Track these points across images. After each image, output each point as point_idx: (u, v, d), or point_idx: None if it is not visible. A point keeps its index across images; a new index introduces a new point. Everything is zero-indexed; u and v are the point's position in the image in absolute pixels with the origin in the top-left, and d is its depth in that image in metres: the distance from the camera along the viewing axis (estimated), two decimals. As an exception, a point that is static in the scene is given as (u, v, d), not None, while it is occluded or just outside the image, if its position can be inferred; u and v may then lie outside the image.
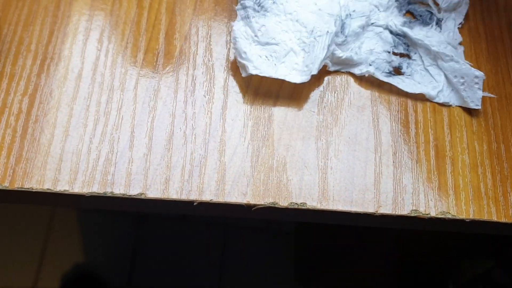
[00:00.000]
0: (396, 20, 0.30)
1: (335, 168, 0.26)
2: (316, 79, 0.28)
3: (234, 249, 0.77)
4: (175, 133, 0.27)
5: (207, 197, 0.25)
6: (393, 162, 0.27)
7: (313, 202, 0.25)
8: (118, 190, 0.25)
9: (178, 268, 0.76)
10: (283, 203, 0.25)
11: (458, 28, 0.30)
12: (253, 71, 0.27)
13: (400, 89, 0.28)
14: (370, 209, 0.25)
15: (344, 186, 0.26)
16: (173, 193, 0.25)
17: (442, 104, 0.29)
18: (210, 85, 0.28)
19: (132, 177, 0.25)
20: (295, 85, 0.28)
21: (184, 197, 0.25)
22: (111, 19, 0.30)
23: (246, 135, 0.27)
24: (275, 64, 0.27)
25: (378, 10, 0.30)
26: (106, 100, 0.27)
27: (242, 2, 0.28)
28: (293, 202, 0.25)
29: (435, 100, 0.29)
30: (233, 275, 0.76)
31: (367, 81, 0.29)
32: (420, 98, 0.29)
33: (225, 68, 0.29)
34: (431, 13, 0.30)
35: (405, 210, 0.26)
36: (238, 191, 0.25)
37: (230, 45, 0.29)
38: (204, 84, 0.28)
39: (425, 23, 0.30)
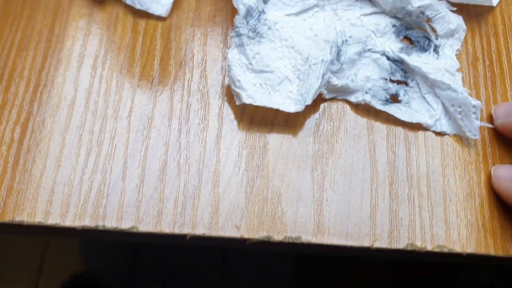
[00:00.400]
0: (393, 46, 0.29)
1: (330, 200, 0.26)
2: (312, 106, 0.28)
3: (234, 250, 0.77)
4: (168, 163, 0.26)
5: (200, 231, 0.25)
6: (389, 193, 0.26)
7: (308, 236, 0.25)
8: (110, 223, 0.25)
9: (179, 276, 0.76)
10: (278, 237, 0.25)
11: (456, 54, 0.30)
12: (247, 100, 0.26)
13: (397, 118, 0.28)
14: (366, 243, 0.25)
15: (339, 219, 0.25)
16: (166, 227, 0.25)
17: (439, 133, 0.28)
18: (205, 113, 0.28)
19: (124, 210, 0.25)
20: (290, 113, 0.28)
21: (176, 230, 0.25)
22: (106, 44, 0.29)
23: (241, 164, 0.27)
24: (269, 93, 0.27)
25: (375, 35, 0.30)
26: (99, 129, 0.27)
27: (236, 29, 0.28)
28: (288, 236, 0.25)
29: (432, 129, 0.28)
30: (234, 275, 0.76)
31: (363, 108, 0.28)
32: (418, 126, 0.28)
33: (220, 95, 0.28)
34: (429, 39, 0.30)
35: (401, 243, 0.25)
36: (231, 224, 0.25)
37: (225, 71, 0.29)
38: (198, 111, 0.28)
39: (422, 49, 0.30)
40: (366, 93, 0.28)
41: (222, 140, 0.27)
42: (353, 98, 0.29)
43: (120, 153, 0.27)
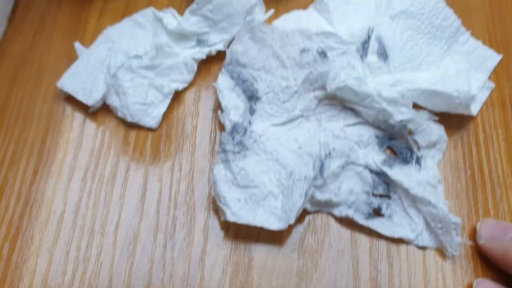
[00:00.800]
0: (377, 158, 0.30)
1: (313, 321, 0.26)
2: (297, 219, 0.28)
3: None
4: (152, 281, 0.27)
5: None
6: (372, 313, 0.26)
7: None
8: None
9: None
10: None
11: (438, 164, 0.31)
12: (231, 218, 0.27)
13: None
14: None
15: None
16: None
17: (421, 247, 0.28)
18: (191, 226, 0.28)
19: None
20: (275, 227, 0.28)
21: None
22: (97, 156, 0.30)
23: (225, 282, 0.27)
24: (253, 208, 0.28)
25: (359, 147, 0.30)
26: (86, 245, 0.27)
27: (222, 145, 0.29)
28: None
29: (414, 243, 0.28)
30: None
31: (347, 221, 0.29)
32: (400, 240, 0.29)
33: (206, 207, 0.29)
34: (411, 150, 0.30)
35: None
36: None
37: (211, 183, 0.29)
38: (184, 225, 0.28)
39: (405, 161, 0.30)
40: (350, 207, 0.29)
41: (207, 257, 0.28)
42: (336, 212, 0.29)
43: (105, 271, 0.27)
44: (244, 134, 0.29)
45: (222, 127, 0.31)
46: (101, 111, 0.32)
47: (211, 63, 0.33)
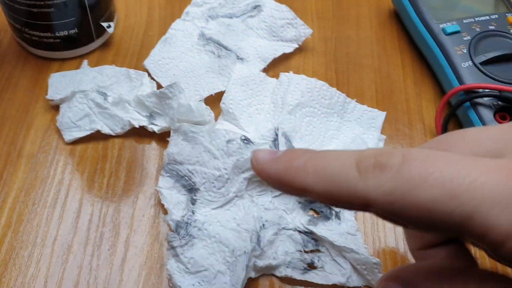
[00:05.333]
0: (302, 220, 0.35)
1: None
2: (245, 286, 0.32)
3: None
4: (80, 282, 0.32)
5: None
6: None
7: None
8: None
9: None
10: None
11: (354, 215, 0.35)
12: (189, 303, 0.30)
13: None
14: None
15: None
16: None
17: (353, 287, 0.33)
18: (114, 240, 0.32)
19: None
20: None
21: None
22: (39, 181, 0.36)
23: (139, 283, 0.32)
24: (207, 288, 0.31)
25: (286, 213, 0.35)
26: (28, 254, 0.33)
27: (170, 243, 0.32)
28: None
29: (346, 285, 0.33)
30: None
31: (288, 279, 0.33)
32: (334, 285, 0.33)
33: (129, 225, 0.34)
34: (330, 208, 0.35)
35: None
36: None
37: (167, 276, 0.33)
38: (109, 239, 0.32)
39: (326, 218, 0.35)
40: (287, 266, 0.33)
41: (126, 263, 0.33)
42: (277, 273, 0.33)
43: (42, 275, 0.32)
44: (189, 225, 0.33)
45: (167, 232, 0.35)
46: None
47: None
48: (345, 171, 0.20)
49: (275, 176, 0.23)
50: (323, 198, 0.21)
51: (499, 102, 0.37)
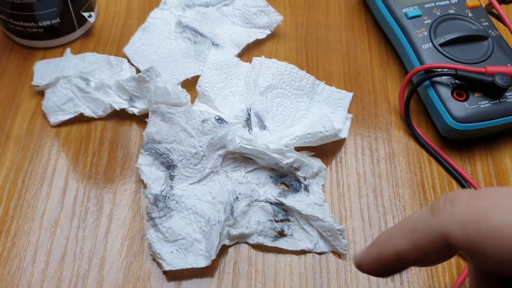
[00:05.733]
0: (274, 192, 0.37)
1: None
2: (221, 252, 0.35)
3: None
4: (67, 253, 0.35)
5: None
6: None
7: None
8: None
9: None
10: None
11: (322, 188, 0.38)
12: (167, 268, 0.33)
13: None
14: None
15: None
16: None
17: (320, 253, 0.35)
18: (99, 214, 0.34)
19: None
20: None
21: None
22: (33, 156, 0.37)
23: (122, 252, 0.35)
24: (184, 255, 0.34)
25: (259, 187, 0.37)
26: (16, 228, 0.36)
27: (149, 214, 0.35)
28: None
29: (314, 251, 0.35)
30: None
31: (260, 246, 0.35)
32: (303, 252, 0.35)
33: (112, 200, 0.35)
34: (299, 181, 0.38)
35: None
36: None
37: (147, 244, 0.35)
38: (94, 213, 0.34)
39: (295, 190, 0.37)
40: (259, 235, 0.35)
41: (110, 234, 0.36)
42: (250, 241, 0.35)
43: (32, 246, 0.34)
44: (167, 199, 0.36)
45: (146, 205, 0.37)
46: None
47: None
48: (422, 217, 0.21)
49: (372, 259, 0.23)
50: (412, 254, 0.22)
51: (456, 81, 0.40)
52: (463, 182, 0.38)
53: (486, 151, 0.41)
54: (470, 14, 0.43)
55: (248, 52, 0.45)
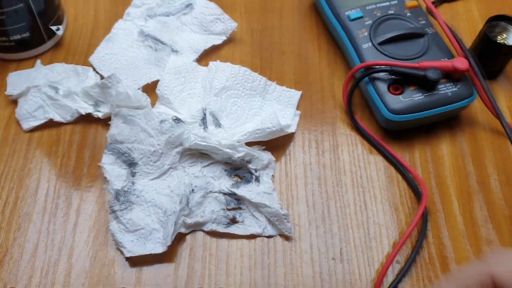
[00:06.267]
0: (227, 184, 0.41)
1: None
2: (178, 240, 0.38)
3: None
4: (39, 244, 0.38)
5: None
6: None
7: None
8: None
9: None
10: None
11: (271, 178, 0.41)
12: (127, 254, 0.36)
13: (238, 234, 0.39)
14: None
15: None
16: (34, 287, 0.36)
17: (268, 236, 0.39)
18: (67, 209, 0.38)
19: (7, 276, 0.36)
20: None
21: (41, 289, 0.36)
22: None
23: (89, 242, 0.38)
24: (144, 243, 0.37)
25: (214, 180, 0.41)
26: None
27: (111, 207, 0.38)
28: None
29: (263, 235, 0.39)
30: None
31: (215, 233, 0.39)
32: (253, 236, 0.39)
33: (80, 196, 0.38)
34: (251, 173, 0.41)
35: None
36: (78, 282, 0.36)
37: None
38: (63, 209, 0.37)
39: (247, 181, 0.41)
40: (213, 222, 0.39)
41: (78, 227, 0.39)
42: (205, 228, 0.39)
43: (7, 240, 0.38)
44: (129, 193, 0.39)
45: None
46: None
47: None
48: (471, 266, 0.28)
49: None
50: None
51: (392, 76, 0.43)
52: (400, 168, 0.42)
53: (425, 140, 0.44)
54: (408, 14, 0.47)
55: (206, 57, 0.48)
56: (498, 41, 0.45)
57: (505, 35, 0.46)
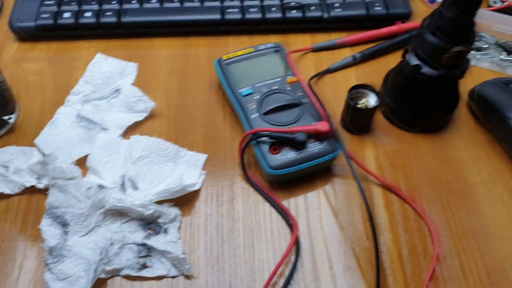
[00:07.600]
0: (141, 236, 0.50)
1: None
2: (100, 283, 0.47)
3: None
4: None
5: None
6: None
7: None
8: None
9: None
10: None
11: (178, 229, 0.51)
12: (55, 298, 0.45)
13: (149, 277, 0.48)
14: None
15: None
16: None
17: (173, 277, 0.48)
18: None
19: None
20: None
21: None
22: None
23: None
24: (71, 289, 0.46)
25: (130, 233, 0.50)
26: None
27: (45, 261, 0.47)
28: None
29: (168, 276, 0.48)
30: None
31: (129, 276, 0.48)
32: (160, 277, 0.48)
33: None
34: (160, 226, 0.51)
35: None
36: None
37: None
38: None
39: (157, 233, 0.50)
40: (128, 268, 0.48)
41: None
42: (121, 273, 0.48)
43: None
44: (61, 249, 0.48)
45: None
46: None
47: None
48: None
49: None
50: None
51: (272, 140, 0.53)
52: (281, 213, 0.51)
53: (306, 188, 0.54)
54: (289, 88, 0.58)
55: (130, 131, 0.58)
56: (358, 106, 0.55)
57: (366, 99, 0.57)
